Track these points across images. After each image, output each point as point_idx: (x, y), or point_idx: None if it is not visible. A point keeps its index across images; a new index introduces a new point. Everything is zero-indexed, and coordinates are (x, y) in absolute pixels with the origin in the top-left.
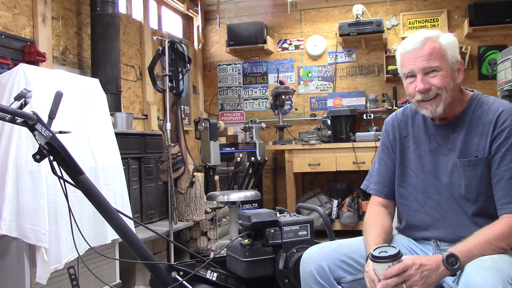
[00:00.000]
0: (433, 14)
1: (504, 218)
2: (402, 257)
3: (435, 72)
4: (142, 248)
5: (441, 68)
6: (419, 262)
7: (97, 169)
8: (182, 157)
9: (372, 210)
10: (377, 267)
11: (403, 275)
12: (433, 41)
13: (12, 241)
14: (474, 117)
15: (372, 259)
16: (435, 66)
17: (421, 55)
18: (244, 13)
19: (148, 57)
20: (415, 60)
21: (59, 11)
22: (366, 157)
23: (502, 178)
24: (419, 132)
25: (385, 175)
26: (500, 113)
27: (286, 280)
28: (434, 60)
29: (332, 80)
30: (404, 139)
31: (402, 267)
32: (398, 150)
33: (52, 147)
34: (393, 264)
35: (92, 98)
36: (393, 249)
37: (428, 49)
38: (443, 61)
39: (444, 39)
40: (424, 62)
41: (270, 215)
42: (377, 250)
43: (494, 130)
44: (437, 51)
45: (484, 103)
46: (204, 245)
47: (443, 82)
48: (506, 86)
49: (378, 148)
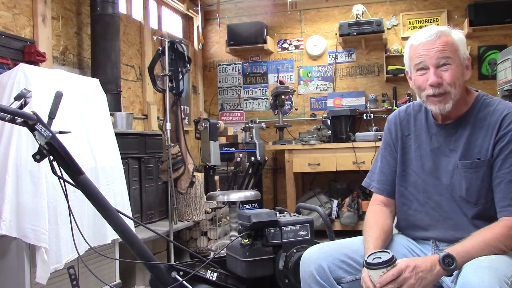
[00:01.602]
0: (433, 14)
1: (503, 221)
2: (397, 260)
3: (447, 66)
4: (142, 248)
5: (454, 62)
6: (413, 264)
7: (97, 169)
8: (182, 157)
9: (373, 210)
10: (372, 273)
11: (398, 280)
12: (447, 35)
13: (12, 241)
14: (479, 118)
15: (366, 266)
16: (448, 58)
17: (435, 46)
18: (244, 13)
19: (148, 57)
20: (429, 51)
21: (59, 11)
22: (366, 157)
23: (502, 181)
24: (421, 131)
25: (387, 173)
26: (505, 115)
27: (286, 280)
28: (448, 52)
29: (332, 80)
30: (406, 137)
31: (396, 272)
32: (400, 149)
33: (52, 147)
34: (387, 270)
35: (92, 98)
36: (386, 254)
37: (442, 42)
38: (456, 55)
39: (455, 34)
40: (438, 53)
41: (270, 215)
42: (371, 256)
43: (498, 132)
44: (451, 45)
45: (490, 105)
46: (204, 245)
47: (454, 78)
48: (506, 86)
49: (380, 146)
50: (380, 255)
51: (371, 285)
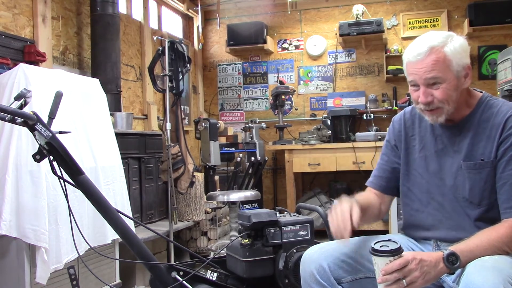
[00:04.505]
0: (433, 14)
1: (508, 221)
2: (403, 252)
3: (438, 84)
4: (142, 248)
5: (444, 80)
6: (419, 257)
7: (97, 169)
8: (182, 157)
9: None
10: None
11: (403, 270)
12: (437, 51)
13: (12, 241)
14: (482, 120)
15: (372, 253)
16: (438, 78)
17: (423, 66)
18: (244, 13)
19: (148, 57)
20: (418, 71)
21: (59, 11)
22: (366, 157)
23: (506, 182)
24: (425, 133)
25: (384, 169)
26: (509, 116)
27: (286, 280)
28: (437, 72)
29: (332, 80)
30: (410, 138)
31: (403, 262)
32: (404, 149)
33: (52, 147)
34: (394, 259)
35: (92, 98)
36: (394, 244)
37: (431, 61)
38: (447, 72)
39: (450, 47)
40: (426, 73)
41: (270, 215)
42: (378, 243)
43: (502, 134)
44: (441, 62)
45: (493, 106)
46: (204, 245)
47: (445, 96)
48: (506, 86)
49: (383, 145)
50: (387, 244)
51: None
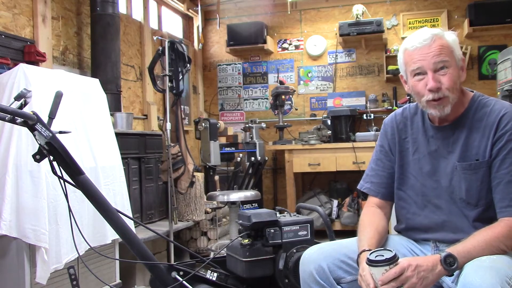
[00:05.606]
0: (433, 14)
1: (504, 221)
2: (399, 259)
3: (445, 70)
4: (142, 248)
5: (451, 64)
6: (415, 263)
7: (97, 169)
8: (182, 157)
9: (368, 212)
10: (374, 271)
11: (400, 278)
12: (441, 38)
13: (12, 241)
14: (475, 119)
15: (368, 264)
16: (446, 62)
17: (431, 51)
18: (244, 13)
19: (148, 57)
20: (425, 56)
21: (59, 11)
22: (366, 157)
23: (501, 181)
24: (418, 134)
25: (382, 176)
26: (502, 115)
27: (286, 280)
28: (445, 55)
29: (332, 80)
30: (403, 141)
31: (399, 270)
32: (398, 152)
33: (52, 147)
34: (390, 268)
35: (92, 98)
36: (389, 252)
37: (438, 45)
38: (452, 58)
39: (449, 36)
40: (435, 57)
41: (270, 215)
42: (373, 254)
43: (496, 133)
44: (446, 47)
45: (486, 105)
46: (204, 245)
47: (452, 82)
48: (506, 86)
49: (375, 148)
50: (382, 253)
51: (372, 282)
